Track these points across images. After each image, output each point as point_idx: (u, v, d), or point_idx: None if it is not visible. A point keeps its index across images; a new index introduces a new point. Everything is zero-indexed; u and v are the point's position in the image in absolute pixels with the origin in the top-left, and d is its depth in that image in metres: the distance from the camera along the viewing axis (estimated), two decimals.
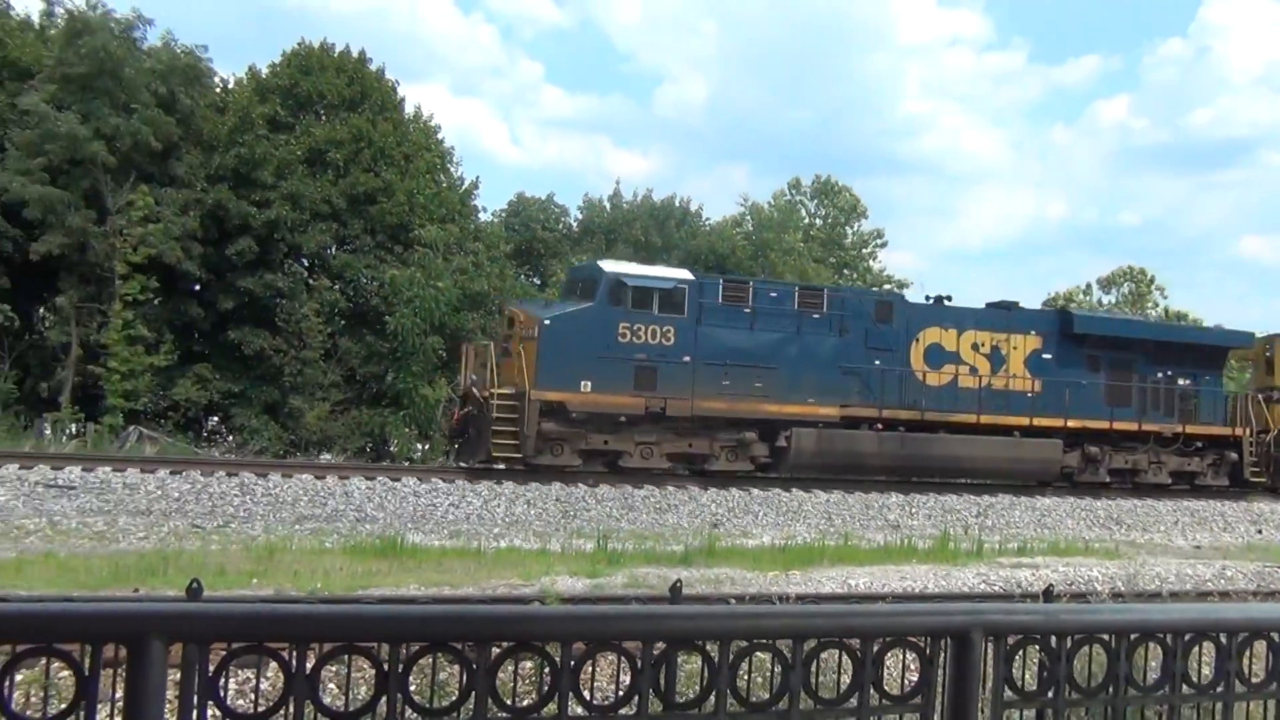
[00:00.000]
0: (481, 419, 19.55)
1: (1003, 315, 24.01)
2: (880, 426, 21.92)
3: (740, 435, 20.92)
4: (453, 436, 21.69)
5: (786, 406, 21.08)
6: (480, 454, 19.93)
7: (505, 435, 19.25)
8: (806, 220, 50.77)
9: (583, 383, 19.71)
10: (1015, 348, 23.39)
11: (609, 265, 21.84)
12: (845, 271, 48.43)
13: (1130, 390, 24.22)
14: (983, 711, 2.59)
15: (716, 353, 20.68)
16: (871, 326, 22.21)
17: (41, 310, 30.19)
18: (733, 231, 41.90)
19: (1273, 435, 25.44)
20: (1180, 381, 24.74)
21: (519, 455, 19.56)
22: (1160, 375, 24.56)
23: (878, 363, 22.01)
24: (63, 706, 2.09)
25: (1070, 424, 23.28)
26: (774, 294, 21.99)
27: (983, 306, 24.44)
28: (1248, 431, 24.87)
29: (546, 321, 19.93)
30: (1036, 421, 23.05)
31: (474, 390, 20.12)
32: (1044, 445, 23.12)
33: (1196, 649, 2.93)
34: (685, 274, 22.04)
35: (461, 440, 21.00)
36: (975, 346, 23.10)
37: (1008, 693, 2.71)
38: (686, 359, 20.40)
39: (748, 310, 21.26)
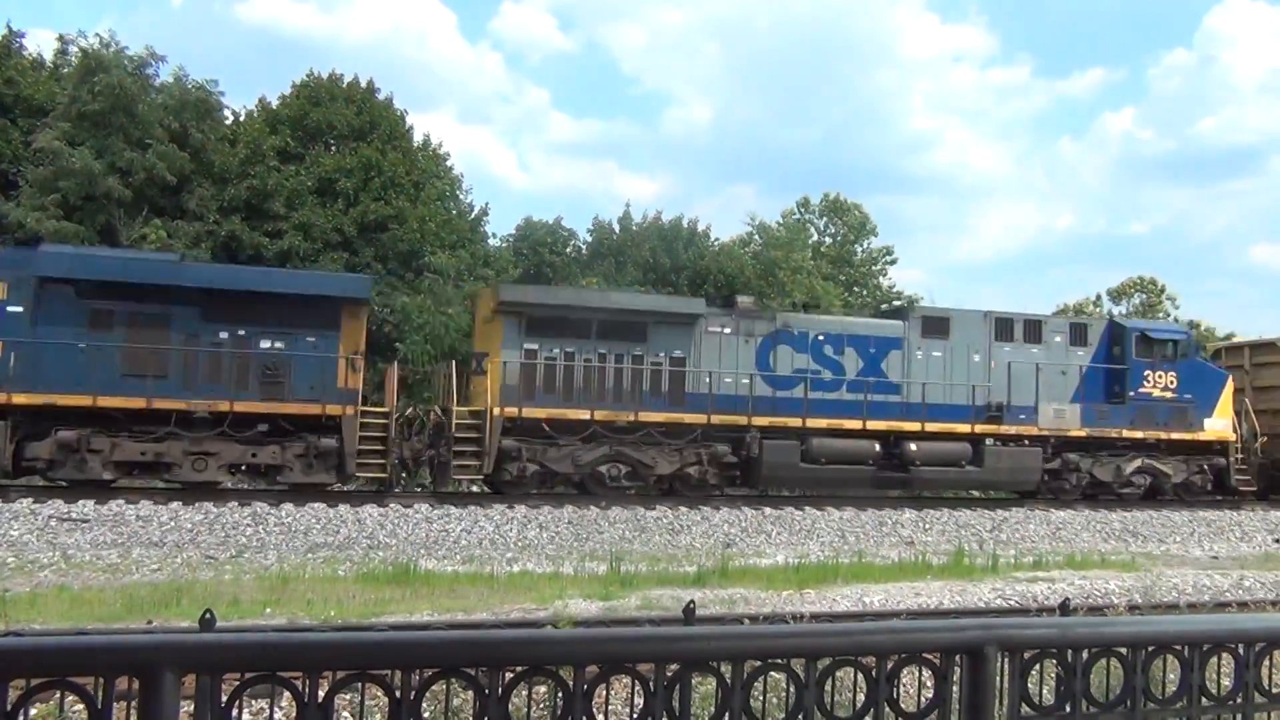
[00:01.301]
0: None
1: None
2: None
3: None
4: None
5: None
6: None
7: None
8: (815, 238, 50.77)
9: None
10: None
11: None
12: (855, 289, 48.36)
13: (159, 357, 18.29)
14: None
15: None
16: None
17: None
18: (741, 251, 41.92)
19: (427, 416, 19.96)
20: (265, 344, 18.91)
21: None
22: (225, 336, 18.84)
23: None
24: None
25: (17, 400, 17.49)
26: None
27: None
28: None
29: None
30: None
31: None
32: None
33: (1215, 660, 2.90)
34: None
35: None
36: None
37: (1024, 708, 2.70)
38: None
39: None
